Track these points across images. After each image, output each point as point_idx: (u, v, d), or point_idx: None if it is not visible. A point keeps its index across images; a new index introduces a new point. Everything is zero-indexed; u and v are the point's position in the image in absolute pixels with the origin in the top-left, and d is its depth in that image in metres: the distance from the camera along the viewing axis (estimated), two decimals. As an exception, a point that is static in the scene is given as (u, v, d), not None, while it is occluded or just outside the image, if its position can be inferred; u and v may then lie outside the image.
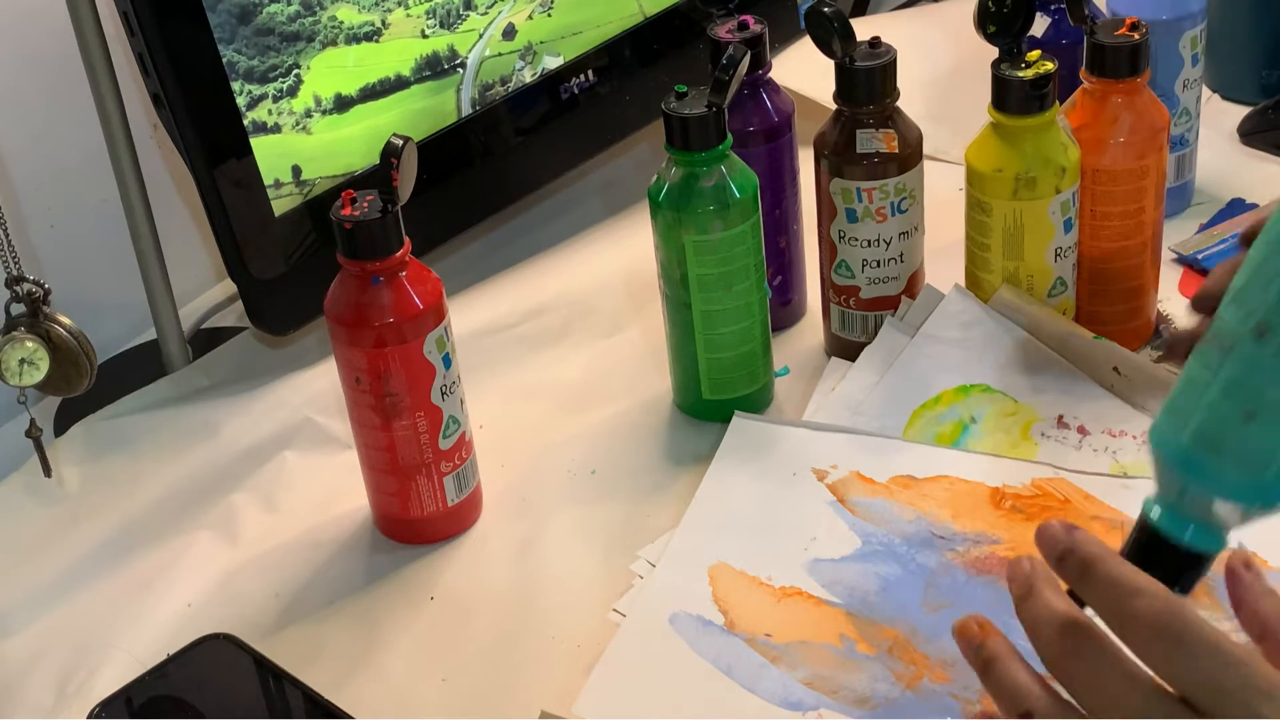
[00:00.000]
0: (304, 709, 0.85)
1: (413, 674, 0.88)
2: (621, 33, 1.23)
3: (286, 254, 1.06)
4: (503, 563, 0.94)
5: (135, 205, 1.08)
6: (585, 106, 1.21)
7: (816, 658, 0.84)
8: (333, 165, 1.08)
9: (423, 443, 0.92)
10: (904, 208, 1.01)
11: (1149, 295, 1.05)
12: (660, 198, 0.97)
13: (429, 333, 0.90)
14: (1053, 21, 1.14)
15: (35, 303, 0.94)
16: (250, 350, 1.15)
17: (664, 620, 0.86)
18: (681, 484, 0.98)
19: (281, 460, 1.04)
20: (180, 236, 1.21)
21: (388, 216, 0.88)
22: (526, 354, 1.12)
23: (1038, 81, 0.96)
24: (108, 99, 1.05)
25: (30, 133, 1.13)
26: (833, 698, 0.82)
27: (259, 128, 1.03)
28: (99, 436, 1.07)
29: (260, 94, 1.03)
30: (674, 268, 0.98)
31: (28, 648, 0.92)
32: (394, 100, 1.10)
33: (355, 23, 1.07)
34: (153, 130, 1.17)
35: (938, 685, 0.82)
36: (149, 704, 0.85)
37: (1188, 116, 1.16)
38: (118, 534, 0.99)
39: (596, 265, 1.20)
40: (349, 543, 0.97)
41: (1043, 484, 0.94)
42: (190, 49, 1.00)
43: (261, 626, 0.91)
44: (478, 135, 1.16)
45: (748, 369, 1.02)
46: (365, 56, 1.08)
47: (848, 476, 0.95)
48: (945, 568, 0.89)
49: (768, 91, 1.05)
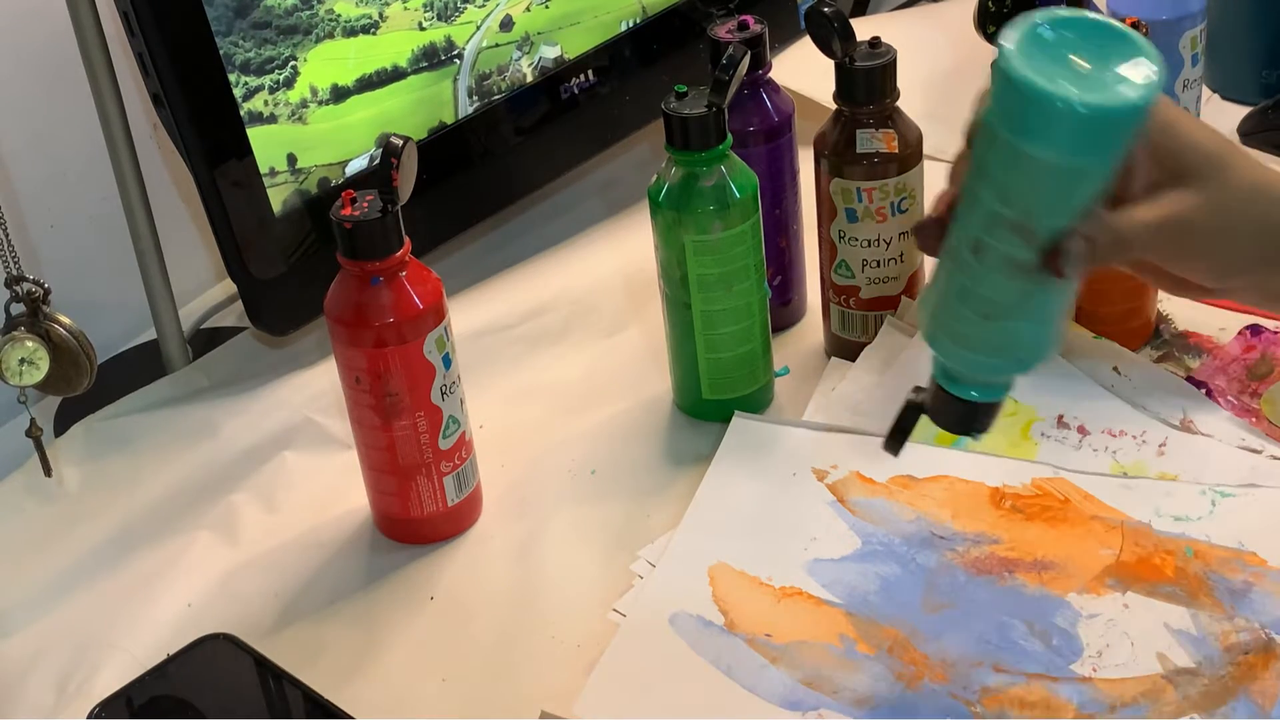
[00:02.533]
0: (304, 709, 0.85)
1: (413, 674, 0.88)
2: (621, 32, 1.23)
3: (286, 254, 1.06)
4: (503, 563, 0.94)
5: (135, 205, 1.08)
6: (585, 106, 1.21)
7: (816, 658, 0.84)
8: (328, 154, 1.08)
9: (423, 443, 0.92)
10: (904, 208, 1.01)
11: (1149, 295, 1.05)
12: (660, 198, 0.97)
13: (429, 333, 0.90)
14: (1053, 21, 1.14)
15: (35, 302, 0.94)
16: (250, 350, 1.15)
17: (664, 620, 0.86)
18: (681, 484, 0.98)
19: (281, 460, 1.04)
20: (180, 236, 1.21)
21: (388, 216, 0.88)
22: (526, 354, 1.12)
23: (1038, 81, 0.96)
24: (108, 99, 1.05)
25: (30, 133, 1.13)
26: (833, 698, 0.82)
27: (254, 118, 1.03)
28: (99, 436, 1.07)
29: (256, 85, 1.03)
30: (674, 268, 0.98)
31: (28, 648, 0.92)
32: (390, 91, 1.11)
33: (352, 16, 1.08)
34: (153, 130, 1.17)
35: (938, 685, 0.82)
36: (149, 704, 0.85)
37: (1188, 116, 1.16)
38: (118, 534, 0.99)
39: (596, 265, 1.20)
40: (349, 543, 0.97)
41: (1043, 484, 0.94)
42: (190, 49, 1.00)
43: (261, 626, 0.91)
44: (478, 136, 1.16)
45: (748, 369, 1.02)
46: (362, 49, 1.09)
47: (848, 476, 0.95)
48: (945, 568, 0.89)
49: (768, 91, 1.05)
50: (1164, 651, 0.82)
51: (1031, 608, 0.86)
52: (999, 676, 0.82)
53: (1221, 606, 0.84)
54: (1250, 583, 0.86)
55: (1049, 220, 0.66)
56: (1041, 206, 0.66)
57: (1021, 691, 0.81)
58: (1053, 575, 0.87)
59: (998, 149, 0.66)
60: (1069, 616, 0.85)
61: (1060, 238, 0.67)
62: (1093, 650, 0.83)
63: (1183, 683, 0.81)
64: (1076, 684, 0.81)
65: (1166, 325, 1.06)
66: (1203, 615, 0.84)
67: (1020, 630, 0.84)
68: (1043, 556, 0.89)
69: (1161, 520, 0.90)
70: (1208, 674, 0.81)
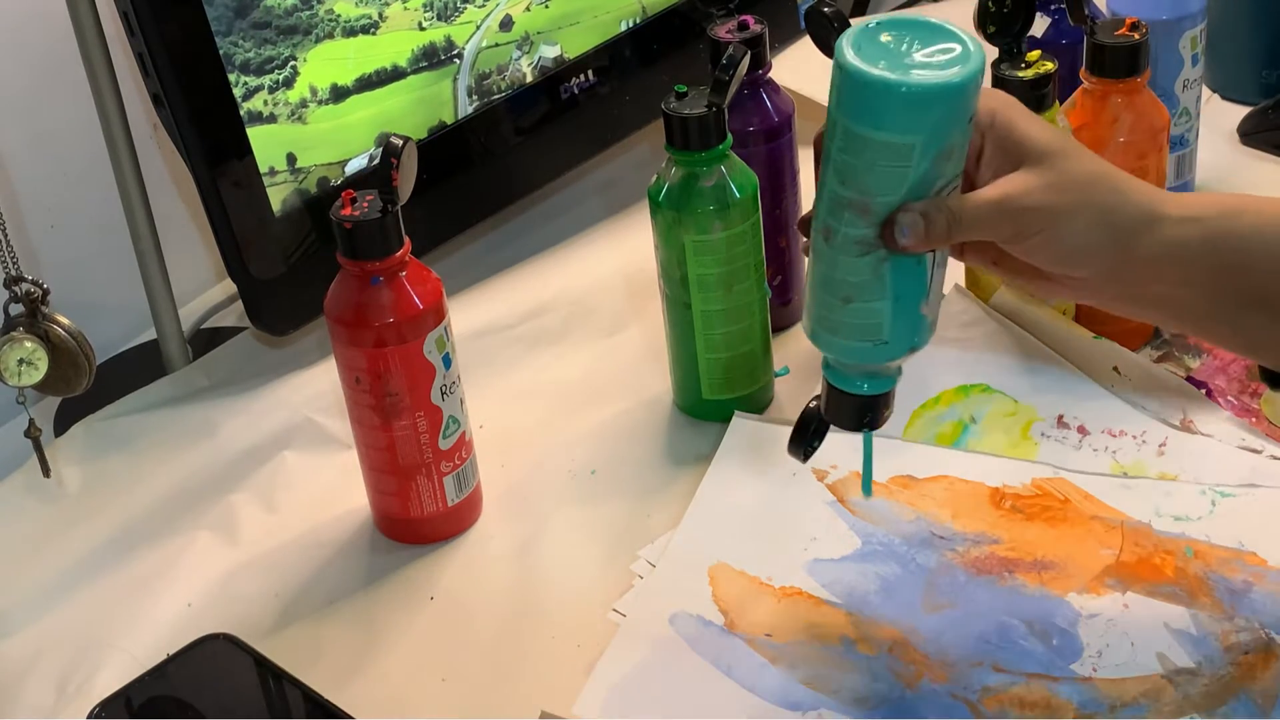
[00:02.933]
0: (304, 709, 0.85)
1: (413, 674, 0.88)
2: (621, 32, 1.23)
3: (286, 254, 1.06)
4: (503, 563, 0.94)
5: (135, 205, 1.08)
6: (585, 106, 1.21)
7: (816, 658, 0.84)
8: (328, 153, 1.08)
9: (423, 443, 0.92)
10: (904, 208, 1.01)
11: (1149, 295, 1.05)
12: (660, 198, 0.97)
13: (429, 333, 0.90)
14: (1053, 21, 1.14)
15: (34, 303, 0.94)
16: (250, 350, 1.15)
17: (664, 620, 0.86)
18: (681, 484, 0.98)
19: (281, 460, 1.04)
20: (180, 236, 1.21)
21: (388, 216, 0.88)
22: (526, 354, 1.12)
23: (1038, 81, 0.96)
24: (108, 99, 1.05)
25: (30, 133, 1.13)
26: (833, 698, 0.82)
27: (254, 118, 1.03)
28: (99, 436, 1.07)
29: (256, 85, 1.03)
30: (674, 268, 0.98)
31: (28, 648, 0.92)
32: (390, 90, 1.11)
33: (352, 16, 1.08)
34: (153, 130, 1.17)
35: (938, 685, 0.82)
36: (149, 704, 0.85)
37: (1188, 116, 1.16)
38: (118, 534, 0.99)
39: (596, 265, 1.20)
40: (349, 543, 0.97)
41: (1043, 484, 0.94)
42: (190, 49, 1.00)
43: (261, 626, 0.91)
44: (477, 136, 1.16)
45: (748, 369, 1.02)
46: (362, 49, 1.09)
47: (847, 477, 0.95)
48: (945, 568, 0.89)
49: (768, 91, 1.05)
50: (1164, 651, 0.82)
51: (1031, 608, 0.86)
52: (999, 676, 0.82)
53: (1221, 606, 0.84)
54: (1250, 582, 0.86)
55: (884, 197, 0.72)
56: (875, 184, 0.72)
57: (1022, 691, 0.81)
58: (1053, 575, 0.87)
59: (837, 135, 0.73)
60: (1069, 616, 0.85)
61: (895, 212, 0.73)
62: (1093, 650, 0.83)
63: (1183, 683, 0.81)
64: (1077, 684, 0.81)
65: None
66: (1203, 615, 0.84)
67: (1020, 630, 0.84)
68: (1043, 556, 0.89)
69: (1161, 520, 0.90)
70: (1208, 674, 0.81)
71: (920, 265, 0.75)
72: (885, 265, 0.74)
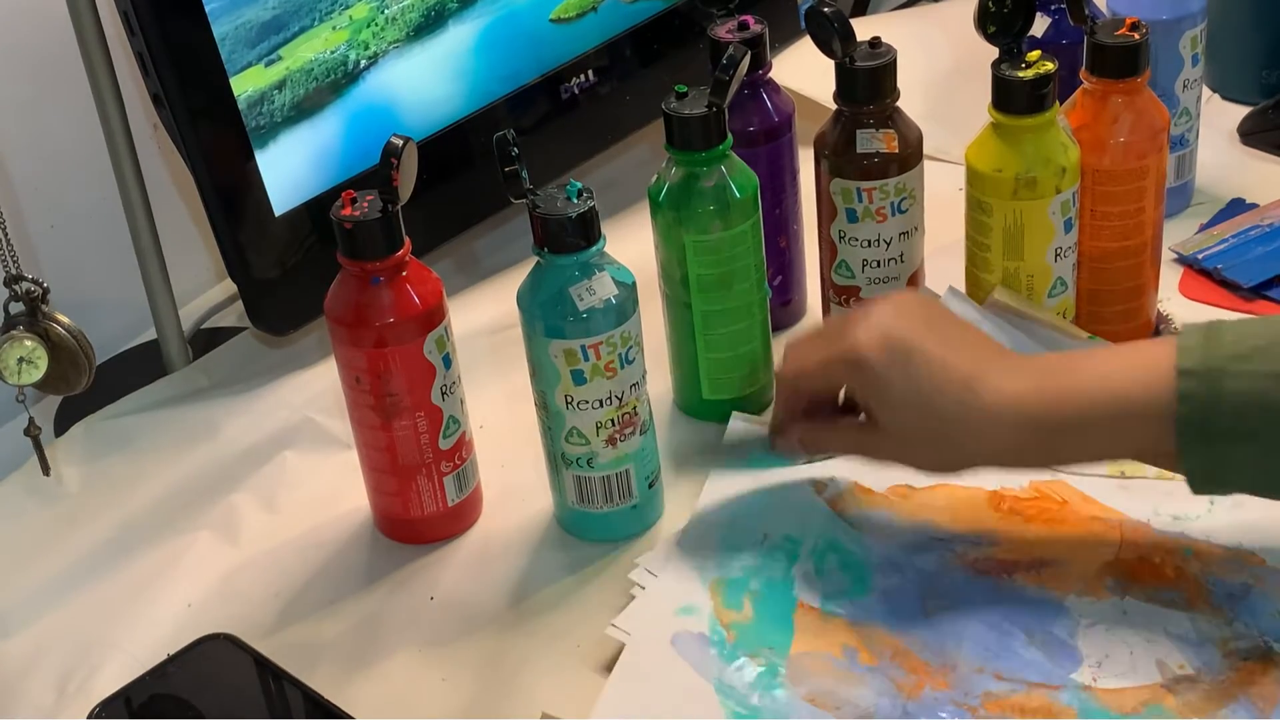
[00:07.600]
0: (304, 709, 0.85)
1: (413, 674, 0.88)
2: (621, 32, 1.23)
3: (286, 254, 1.06)
4: (503, 563, 0.94)
5: (135, 205, 1.08)
6: (585, 106, 1.21)
7: (819, 670, 0.83)
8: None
9: (423, 443, 0.92)
10: (904, 208, 1.01)
11: (1149, 295, 1.05)
12: (660, 198, 0.97)
13: (429, 333, 0.90)
14: (1053, 21, 1.14)
15: (34, 302, 0.94)
16: (250, 350, 1.15)
17: (666, 641, 0.85)
18: (681, 484, 0.98)
19: (281, 460, 1.04)
20: (180, 236, 1.20)
21: (388, 216, 0.88)
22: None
23: (1038, 81, 0.96)
24: (108, 99, 1.05)
25: (30, 133, 1.13)
26: (835, 714, 0.81)
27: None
28: (99, 436, 1.07)
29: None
30: (674, 268, 0.98)
31: (28, 648, 0.92)
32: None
33: (360, 17, 1.08)
34: (153, 130, 1.17)
35: (939, 693, 0.82)
36: (149, 704, 0.85)
37: (1188, 116, 1.16)
38: (118, 534, 0.99)
39: (596, 265, 1.19)
40: (349, 543, 0.97)
41: (1041, 486, 0.93)
42: (190, 49, 1.00)
43: (261, 626, 0.91)
44: (478, 135, 1.16)
45: (748, 369, 1.02)
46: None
47: (846, 486, 0.95)
48: (945, 571, 0.89)
49: (768, 91, 1.05)
50: (1163, 659, 0.82)
51: (1031, 612, 0.85)
52: (1000, 684, 0.82)
53: (1221, 612, 0.84)
54: (1249, 584, 0.86)
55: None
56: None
57: (1022, 699, 0.81)
58: (1052, 574, 0.87)
59: None
60: (1068, 625, 0.85)
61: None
62: (1092, 659, 0.83)
63: (1183, 689, 0.81)
64: (1077, 692, 0.81)
65: (1166, 325, 1.06)
66: (1201, 621, 0.84)
67: (1020, 639, 0.84)
68: (1042, 557, 0.89)
69: (1160, 519, 0.90)
70: (1207, 680, 0.81)
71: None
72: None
